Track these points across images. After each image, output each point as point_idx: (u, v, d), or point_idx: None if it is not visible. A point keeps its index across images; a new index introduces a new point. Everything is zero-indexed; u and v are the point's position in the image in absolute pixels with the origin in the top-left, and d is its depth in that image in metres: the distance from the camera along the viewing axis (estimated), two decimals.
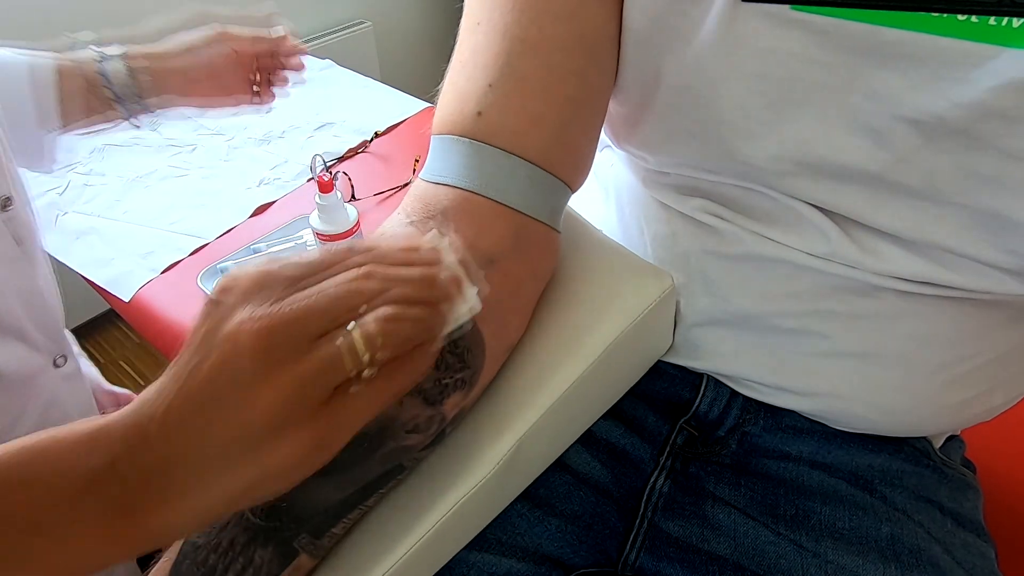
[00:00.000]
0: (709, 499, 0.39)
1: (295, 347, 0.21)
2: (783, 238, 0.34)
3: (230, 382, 0.21)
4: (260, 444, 0.21)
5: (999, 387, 0.36)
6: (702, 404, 0.41)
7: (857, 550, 0.35)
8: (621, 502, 0.41)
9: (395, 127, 1.03)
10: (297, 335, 0.21)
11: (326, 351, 0.21)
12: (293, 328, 0.21)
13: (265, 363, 0.21)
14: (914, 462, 0.39)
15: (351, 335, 0.21)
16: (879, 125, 0.28)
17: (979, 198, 0.28)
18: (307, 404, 0.21)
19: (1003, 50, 0.24)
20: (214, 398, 0.21)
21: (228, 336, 0.21)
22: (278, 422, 0.21)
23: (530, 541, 0.38)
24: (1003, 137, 0.26)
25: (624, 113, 0.36)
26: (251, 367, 0.21)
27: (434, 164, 0.32)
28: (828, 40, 0.27)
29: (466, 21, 0.33)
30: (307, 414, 0.21)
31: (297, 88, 1.16)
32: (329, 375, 0.21)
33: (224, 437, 0.21)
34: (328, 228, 0.70)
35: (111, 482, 0.21)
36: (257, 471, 0.21)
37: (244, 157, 0.95)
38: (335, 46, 1.51)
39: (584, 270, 0.38)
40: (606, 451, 0.41)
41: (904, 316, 0.33)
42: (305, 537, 0.30)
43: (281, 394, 0.21)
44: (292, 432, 0.21)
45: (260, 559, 0.29)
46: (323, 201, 0.69)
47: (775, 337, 0.36)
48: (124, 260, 0.77)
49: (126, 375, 1.29)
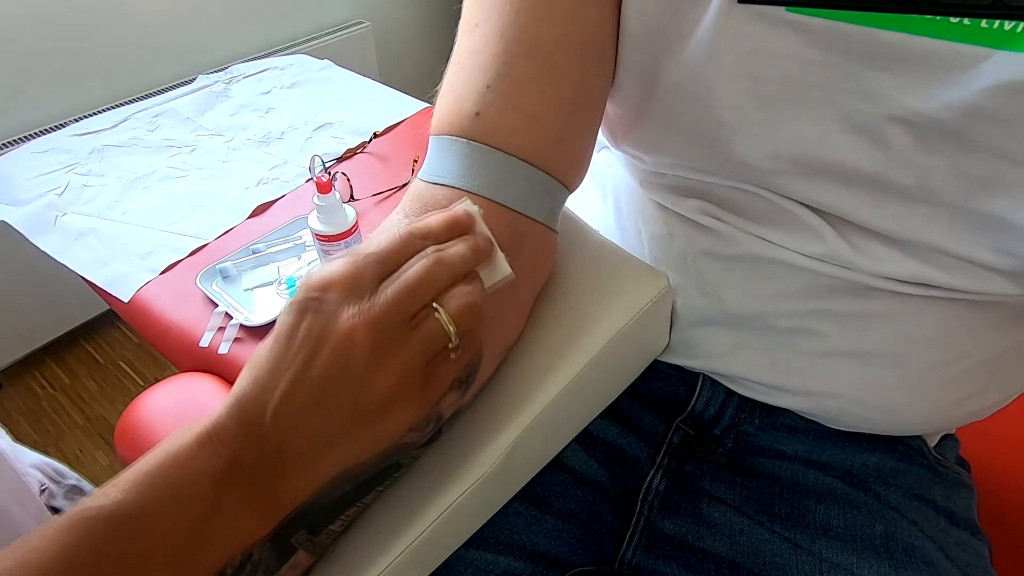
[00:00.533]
0: (705, 497, 0.40)
1: (399, 334, 0.24)
2: (778, 239, 0.34)
3: (345, 373, 0.23)
4: (374, 420, 0.24)
5: (993, 387, 0.36)
6: (698, 403, 0.41)
7: (851, 548, 0.35)
8: (618, 501, 0.41)
9: (393, 127, 1.04)
10: (399, 323, 0.24)
11: (424, 333, 0.25)
12: (395, 317, 0.24)
13: (378, 352, 0.23)
14: (908, 461, 0.39)
15: (441, 314, 0.25)
16: (873, 126, 0.28)
17: (972, 199, 0.28)
18: (415, 382, 0.24)
19: (995, 52, 0.24)
20: (331, 389, 0.23)
21: (343, 332, 0.23)
22: (391, 401, 0.24)
23: (527, 539, 0.38)
24: (995, 138, 0.26)
25: (621, 114, 0.36)
26: (366, 358, 0.23)
27: (432, 164, 0.33)
28: (823, 41, 0.27)
29: (464, 23, 0.33)
30: (414, 390, 0.25)
31: (297, 88, 1.16)
32: (429, 354, 0.25)
33: (341, 421, 0.24)
34: (327, 229, 0.71)
35: (238, 475, 0.24)
36: (369, 438, 0.25)
37: (243, 158, 0.95)
38: (333, 46, 1.51)
39: (581, 270, 0.38)
40: (603, 450, 0.42)
41: (898, 316, 0.33)
42: (303, 534, 0.30)
43: (394, 377, 0.24)
44: (402, 406, 0.24)
45: (258, 555, 0.30)
46: (321, 202, 0.69)
47: (770, 337, 0.37)
48: (123, 261, 0.77)
49: (125, 375, 1.29)
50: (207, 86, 1.16)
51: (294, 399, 0.23)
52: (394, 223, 0.33)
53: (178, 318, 0.72)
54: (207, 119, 1.04)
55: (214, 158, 0.94)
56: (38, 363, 1.30)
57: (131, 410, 0.64)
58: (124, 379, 1.28)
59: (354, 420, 0.24)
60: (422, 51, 1.83)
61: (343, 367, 0.23)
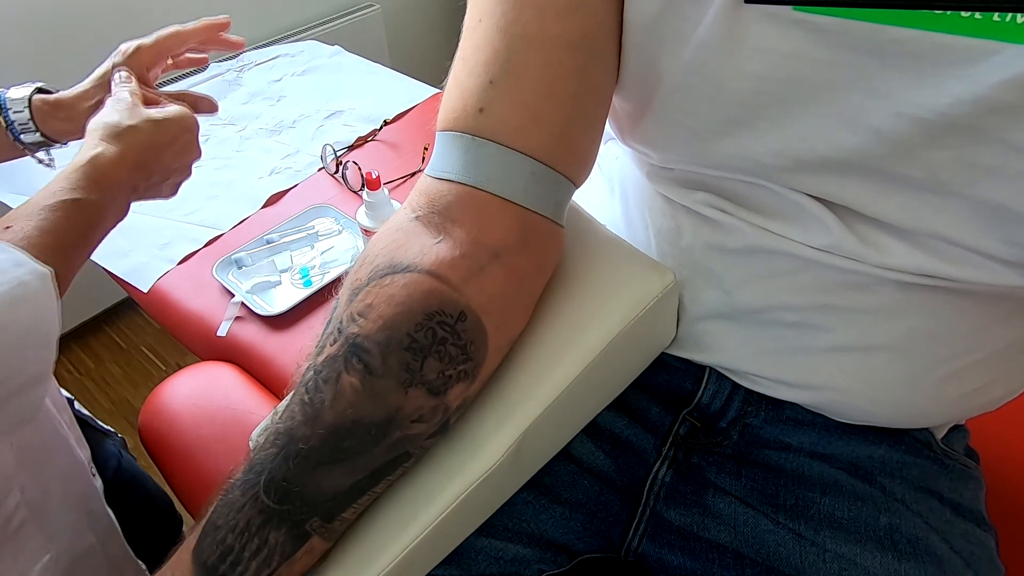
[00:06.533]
0: (710, 488, 0.40)
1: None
2: (785, 231, 0.34)
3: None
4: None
5: (1000, 380, 0.36)
6: (704, 396, 0.41)
7: (855, 539, 0.36)
8: (624, 491, 0.42)
9: (404, 114, 1.03)
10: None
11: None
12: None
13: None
14: (915, 453, 0.39)
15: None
16: (882, 122, 0.28)
17: (980, 189, 0.28)
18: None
19: (1006, 46, 0.24)
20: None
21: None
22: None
23: (536, 528, 0.39)
24: (1006, 130, 0.25)
25: (628, 109, 0.36)
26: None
27: (438, 160, 0.33)
28: (831, 40, 0.27)
29: (468, 18, 0.33)
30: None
31: (308, 75, 1.15)
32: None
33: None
34: (375, 225, 0.72)
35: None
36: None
37: (256, 147, 0.96)
38: (343, 30, 1.50)
39: (587, 265, 0.38)
40: (610, 441, 0.42)
41: (905, 310, 0.33)
42: (317, 520, 0.31)
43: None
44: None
45: (274, 540, 0.31)
46: (370, 198, 0.71)
47: (777, 331, 0.37)
48: (141, 251, 0.79)
49: (148, 361, 1.32)
50: (219, 74, 1.16)
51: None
52: (402, 217, 0.33)
53: (196, 307, 0.73)
54: (220, 108, 1.05)
55: (227, 148, 0.95)
56: (65, 349, 1.34)
57: (153, 398, 0.66)
58: (147, 363, 1.32)
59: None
60: (433, 33, 1.81)
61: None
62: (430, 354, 0.30)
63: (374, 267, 0.31)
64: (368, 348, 0.30)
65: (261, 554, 0.31)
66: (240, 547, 0.31)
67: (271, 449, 0.31)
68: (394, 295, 0.30)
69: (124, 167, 0.40)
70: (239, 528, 0.31)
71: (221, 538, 0.31)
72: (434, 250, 0.31)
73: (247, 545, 0.31)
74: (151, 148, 0.42)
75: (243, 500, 0.31)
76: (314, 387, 0.31)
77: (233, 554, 0.31)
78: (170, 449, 0.63)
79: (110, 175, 0.40)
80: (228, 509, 0.31)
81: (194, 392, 0.67)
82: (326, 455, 0.30)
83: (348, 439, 0.30)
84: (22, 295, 0.35)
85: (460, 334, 0.30)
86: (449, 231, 0.32)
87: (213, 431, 0.63)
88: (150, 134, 0.42)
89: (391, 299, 0.30)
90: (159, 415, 0.65)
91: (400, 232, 0.32)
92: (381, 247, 0.32)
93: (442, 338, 0.30)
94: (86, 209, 0.39)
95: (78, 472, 0.56)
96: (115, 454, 0.68)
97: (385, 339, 0.29)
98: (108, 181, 0.40)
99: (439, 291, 0.30)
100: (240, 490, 0.31)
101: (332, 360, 0.30)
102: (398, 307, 0.30)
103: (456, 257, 0.31)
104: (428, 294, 0.30)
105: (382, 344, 0.29)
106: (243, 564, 0.31)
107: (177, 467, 0.62)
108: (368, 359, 0.30)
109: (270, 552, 0.31)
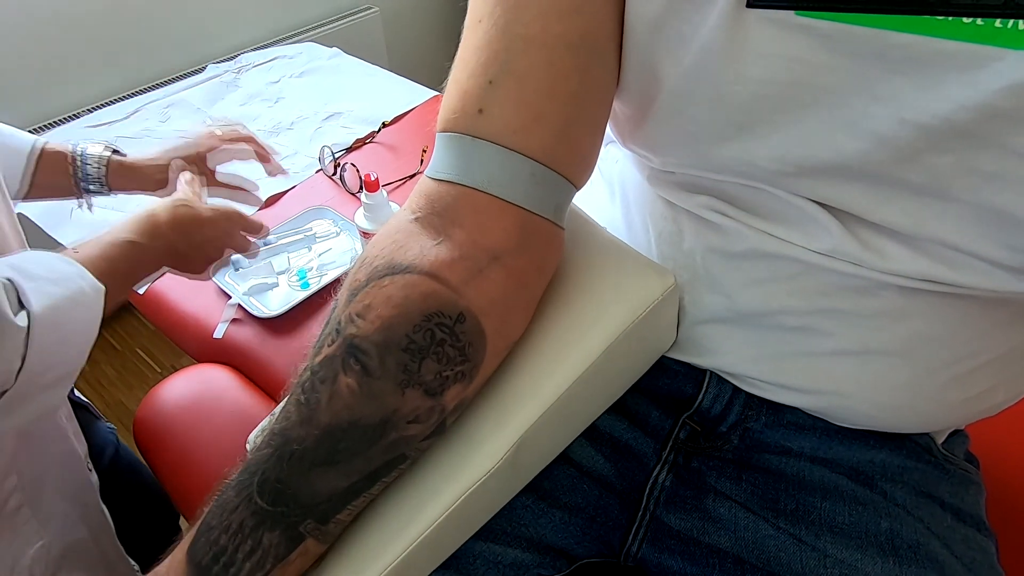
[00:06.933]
0: (710, 493, 0.40)
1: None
2: (786, 235, 0.34)
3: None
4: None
5: (1001, 385, 0.36)
6: (705, 400, 0.41)
7: (856, 544, 0.36)
8: (624, 495, 0.41)
9: (403, 116, 1.03)
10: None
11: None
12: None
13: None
14: (915, 458, 0.39)
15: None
16: (884, 128, 0.28)
17: (982, 194, 0.28)
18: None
19: (1008, 52, 0.24)
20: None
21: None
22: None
23: (535, 532, 0.39)
24: (1007, 135, 0.25)
25: (628, 112, 0.36)
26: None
27: (438, 161, 0.33)
28: (833, 45, 0.27)
29: (469, 18, 0.33)
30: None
31: (306, 77, 1.16)
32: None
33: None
34: (374, 227, 0.71)
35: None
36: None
37: None
38: (342, 32, 1.50)
39: (587, 267, 0.38)
40: (609, 445, 0.42)
41: (906, 315, 0.33)
42: (311, 522, 0.31)
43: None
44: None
45: (268, 542, 0.31)
46: (369, 200, 0.70)
47: (778, 335, 0.37)
48: None
49: (143, 362, 1.32)
50: (217, 76, 1.16)
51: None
52: (402, 219, 0.33)
53: (192, 309, 0.73)
54: (217, 109, 1.05)
55: None
56: None
57: (148, 401, 0.66)
58: (142, 366, 1.31)
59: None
60: (431, 35, 1.82)
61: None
62: (428, 355, 0.30)
63: (373, 268, 0.31)
64: (366, 349, 0.29)
65: (255, 556, 0.31)
66: (233, 548, 0.31)
67: (266, 450, 0.31)
68: (393, 296, 0.30)
69: (172, 226, 0.52)
70: (232, 529, 0.31)
71: (215, 539, 0.31)
72: (433, 251, 0.31)
73: (240, 546, 0.31)
74: (197, 221, 0.54)
75: (237, 501, 0.31)
76: (311, 387, 0.30)
77: (226, 555, 0.31)
78: (165, 452, 0.62)
79: (159, 227, 0.51)
80: (222, 510, 0.31)
81: (189, 394, 0.66)
82: (321, 456, 0.30)
83: (344, 440, 0.30)
84: (81, 300, 0.43)
85: (459, 336, 0.30)
86: (449, 233, 0.31)
87: (208, 434, 0.62)
88: (200, 211, 0.54)
89: (390, 300, 0.30)
90: (154, 418, 0.64)
91: (399, 233, 0.32)
92: (380, 248, 0.32)
93: (440, 340, 0.30)
94: (137, 249, 0.50)
95: (74, 464, 0.56)
96: (112, 442, 0.68)
97: (383, 340, 0.29)
98: (156, 231, 0.51)
99: (438, 293, 0.30)
100: (234, 491, 0.31)
101: (330, 361, 0.30)
102: (397, 308, 0.29)
103: (455, 259, 0.31)
104: (427, 296, 0.30)
105: (380, 345, 0.29)
106: (236, 565, 0.30)
107: (172, 470, 0.62)
108: (366, 360, 0.29)
109: (264, 554, 0.31)
